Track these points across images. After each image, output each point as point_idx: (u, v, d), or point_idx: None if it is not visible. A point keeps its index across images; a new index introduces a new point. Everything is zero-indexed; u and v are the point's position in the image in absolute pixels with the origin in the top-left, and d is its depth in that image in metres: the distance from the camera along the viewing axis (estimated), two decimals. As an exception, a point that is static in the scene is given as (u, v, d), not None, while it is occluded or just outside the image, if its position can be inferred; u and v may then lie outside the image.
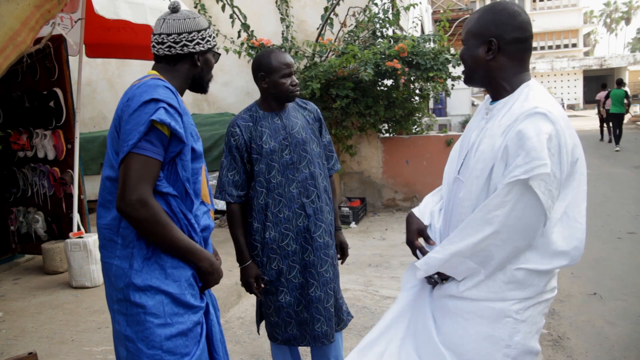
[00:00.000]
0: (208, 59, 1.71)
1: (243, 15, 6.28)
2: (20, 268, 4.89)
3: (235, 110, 7.54)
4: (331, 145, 2.44)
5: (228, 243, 5.24)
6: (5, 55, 1.07)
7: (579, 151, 1.39)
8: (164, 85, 1.52)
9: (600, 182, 8.52)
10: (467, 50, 1.50)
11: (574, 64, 35.64)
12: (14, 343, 3.19)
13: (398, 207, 7.14)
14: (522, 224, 1.34)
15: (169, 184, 1.54)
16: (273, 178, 2.21)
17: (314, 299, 2.23)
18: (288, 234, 2.22)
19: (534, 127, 1.30)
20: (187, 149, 1.55)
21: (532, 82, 1.47)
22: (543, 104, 1.36)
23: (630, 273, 4.29)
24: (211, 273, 1.62)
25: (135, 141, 1.43)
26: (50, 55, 4.42)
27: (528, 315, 1.42)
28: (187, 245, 1.54)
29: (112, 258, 1.54)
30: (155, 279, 1.50)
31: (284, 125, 2.24)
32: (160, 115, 1.44)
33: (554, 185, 1.32)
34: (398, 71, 5.81)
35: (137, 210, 1.43)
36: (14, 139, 4.70)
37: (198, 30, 1.64)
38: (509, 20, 1.42)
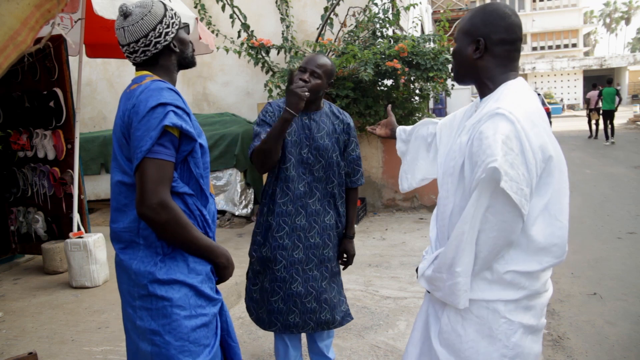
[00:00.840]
0: (181, 37, 1.67)
1: (243, 15, 6.28)
2: (20, 268, 4.89)
3: (235, 110, 7.55)
4: (359, 160, 2.51)
5: (228, 243, 5.26)
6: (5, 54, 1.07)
7: (552, 148, 1.39)
8: (167, 87, 1.53)
9: (600, 182, 8.52)
10: (457, 48, 1.54)
11: (574, 64, 35.66)
12: (14, 343, 3.19)
13: (398, 207, 7.14)
14: (498, 223, 1.36)
15: (183, 182, 1.58)
16: (287, 170, 2.31)
17: (295, 294, 2.34)
18: (284, 228, 2.33)
19: (492, 128, 1.33)
20: (198, 146, 1.58)
21: (511, 82, 1.48)
22: (507, 104, 1.37)
23: (630, 273, 4.29)
24: (226, 267, 1.67)
25: (148, 147, 1.46)
26: (50, 55, 4.42)
27: (523, 317, 1.43)
28: (205, 243, 1.58)
29: (134, 259, 1.57)
30: (179, 273, 1.54)
31: (310, 125, 2.34)
32: (172, 119, 1.47)
33: (524, 184, 1.32)
34: (398, 71, 5.81)
35: (159, 214, 1.46)
36: (14, 139, 4.70)
37: (160, 21, 1.59)
38: (498, 21, 1.46)
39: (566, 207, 1.44)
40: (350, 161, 2.47)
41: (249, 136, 6.41)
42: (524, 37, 26.88)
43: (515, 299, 1.42)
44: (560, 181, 1.42)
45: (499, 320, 1.41)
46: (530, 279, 1.42)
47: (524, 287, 1.42)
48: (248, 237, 5.56)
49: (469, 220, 1.36)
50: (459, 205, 1.44)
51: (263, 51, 6.25)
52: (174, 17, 1.63)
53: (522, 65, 36.17)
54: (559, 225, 1.41)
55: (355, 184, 2.52)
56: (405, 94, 6.56)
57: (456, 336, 1.46)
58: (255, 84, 7.44)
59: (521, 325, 1.42)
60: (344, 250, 2.52)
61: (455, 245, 1.39)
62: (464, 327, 1.45)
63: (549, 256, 1.42)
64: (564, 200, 1.43)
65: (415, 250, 5.17)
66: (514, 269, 1.40)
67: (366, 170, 7.15)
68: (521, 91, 1.45)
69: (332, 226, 2.41)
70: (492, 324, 1.42)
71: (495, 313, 1.41)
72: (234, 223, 6.44)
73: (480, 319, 1.43)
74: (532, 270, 1.41)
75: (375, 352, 3.02)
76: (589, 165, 10.46)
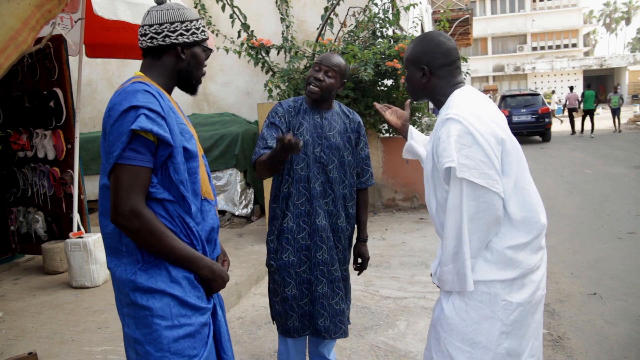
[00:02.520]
0: (195, 53, 1.63)
1: (243, 15, 6.28)
2: (20, 268, 4.89)
3: (235, 110, 7.55)
4: (369, 160, 2.49)
5: (228, 243, 5.26)
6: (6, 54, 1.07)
7: (502, 132, 1.61)
8: (143, 89, 1.47)
9: (600, 182, 8.52)
10: (408, 75, 1.81)
11: (574, 64, 35.66)
12: (14, 343, 3.19)
13: (398, 207, 7.14)
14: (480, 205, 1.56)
15: (164, 189, 1.51)
16: (301, 170, 2.28)
17: (321, 295, 2.30)
18: (305, 228, 2.29)
19: (445, 132, 1.59)
20: (177, 150, 1.51)
21: (457, 91, 1.71)
22: (454, 109, 1.62)
23: (630, 273, 4.29)
24: (213, 280, 1.59)
25: (119, 152, 1.41)
26: (50, 55, 4.42)
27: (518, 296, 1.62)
28: (184, 254, 1.51)
29: (119, 265, 1.53)
30: (160, 282, 1.49)
31: (322, 124, 2.32)
32: (141, 123, 1.41)
33: (486, 167, 1.55)
34: (398, 71, 5.81)
35: (130, 222, 1.42)
36: (14, 139, 4.70)
37: (181, 21, 1.58)
38: (436, 49, 1.72)
39: (529, 175, 1.67)
40: (359, 160, 2.44)
41: (249, 136, 6.41)
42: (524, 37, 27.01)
43: (511, 279, 1.61)
44: (518, 158, 1.64)
45: (499, 303, 1.61)
46: (525, 253, 1.63)
47: (519, 265, 1.61)
48: (248, 237, 5.56)
49: (454, 210, 1.58)
50: (440, 203, 1.68)
51: (263, 51, 6.25)
52: (199, 32, 1.62)
53: (522, 65, 36.23)
54: (527, 194, 1.64)
55: (365, 185, 2.49)
56: (406, 94, 6.55)
57: (460, 320, 1.64)
58: (255, 84, 7.44)
59: (519, 305, 1.62)
60: (358, 254, 2.50)
61: (452, 235, 1.60)
62: (467, 312, 1.63)
63: (529, 223, 1.63)
64: (525, 172, 1.66)
65: (415, 250, 5.17)
66: (509, 244, 1.61)
67: (366, 170, 7.14)
68: (465, 95, 1.69)
69: (344, 228, 2.39)
70: (493, 307, 1.61)
71: (495, 297, 1.61)
72: (234, 223, 6.44)
73: (482, 303, 1.62)
74: (526, 241, 1.62)
75: (375, 352, 3.02)
76: (589, 165, 10.47)
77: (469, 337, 1.63)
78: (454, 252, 1.60)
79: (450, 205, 1.59)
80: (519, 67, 36.54)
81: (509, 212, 1.61)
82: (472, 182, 1.54)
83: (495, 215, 1.58)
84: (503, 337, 1.61)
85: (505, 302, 1.61)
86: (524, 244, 1.62)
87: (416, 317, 3.52)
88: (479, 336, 1.61)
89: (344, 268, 2.43)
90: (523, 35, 41.90)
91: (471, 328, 1.62)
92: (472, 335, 1.62)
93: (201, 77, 1.70)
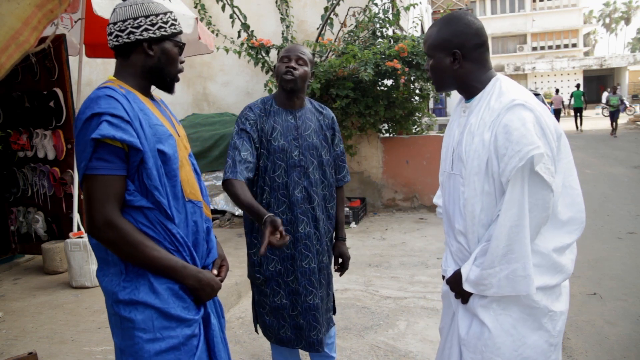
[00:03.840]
0: (166, 48, 1.54)
1: (243, 15, 6.28)
2: (20, 268, 4.89)
3: (236, 110, 7.55)
4: (344, 156, 2.37)
5: (228, 243, 5.26)
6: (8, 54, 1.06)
7: (560, 128, 1.53)
8: (106, 94, 1.41)
9: (600, 182, 8.52)
10: (435, 63, 1.62)
11: (574, 64, 35.62)
12: (14, 343, 3.19)
13: (398, 207, 7.14)
14: (536, 203, 1.46)
15: (142, 195, 1.45)
16: (278, 177, 2.14)
17: (312, 306, 2.18)
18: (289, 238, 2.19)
19: (518, 118, 1.44)
20: (148, 155, 1.43)
21: (500, 76, 1.59)
22: (519, 95, 1.48)
23: (630, 273, 4.29)
24: (200, 289, 1.52)
25: (86, 163, 1.38)
26: (50, 55, 4.42)
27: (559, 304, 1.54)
28: (166, 263, 1.45)
29: (106, 275, 1.50)
30: (143, 294, 1.44)
31: (296, 125, 2.17)
32: (102, 130, 1.35)
33: (550, 163, 1.45)
34: (398, 71, 5.81)
35: (105, 233, 1.39)
36: (14, 139, 4.70)
37: (145, 15, 1.49)
38: (467, 29, 1.55)
39: (576, 175, 1.58)
40: (334, 157, 2.31)
41: (249, 136, 6.41)
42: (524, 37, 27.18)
43: (553, 285, 1.52)
44: (567, 154, 1.55)
45: (546, 313, 1.51)
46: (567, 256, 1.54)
47: (562, 270, 1.53)
48: (248, 237, 5.55)
49: (514, 205, 1.44)
50: (487, 201, 1.52)
51: (263, 51, 6.25)
52: (168, 25, 1.53)
53: (522, 65, 36.19)
54: (576, 193, 1.56)
55: (342, 182, 2.37)
56: (405, 94, 6.56)
57: (508, 337, 1.51)
58: (255, 84, 7.44)
59: (561, 313, 1.55)
60: (338, 254, 2.36)
61: (504, 233, 1.45)
62: (514, 326, 1.52)
63: (574, 224, 1.55)
64: (573, 171, 1.57)
65: (415, 250, 5.17)
66: (555, 245, 1.51)
67: (366, 170, 7.15)
68: (514, 83, 1.57)
69: (328, 231, 2.28)
70: (540, 318, 1.51)
71: (541, 307, 1.51)
72: (234, 223, 6.44)
73: (529, 315, 1.51)
74: (569, 243, 1.53)
75: (375, 352, 3.02)
76: (589, 165, 10.46)
77: (518, 353, 1.51)
78: (505, 252, 1.46)
79: (510, 199, 1.45)
80: (519, 67, 36.50)
81: (556, 211, 1.51)
82: (537, 176, 1.43)
83: (547, 214, 1.48)
84: (552, 350, 1.53)
85: (552, 313, 1.51)
86: (567, 246, 1.54)
87: (416, 317, 3.52)
88: (527, 351, 1.51)
89: (329, 272, 2.33)
90: (523, 35, 41.88)
91: (520, 343, 1.51)
92: (521, 350, 1.51)
93: (176, 74, 1.61)
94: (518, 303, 1.51)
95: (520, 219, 1.44)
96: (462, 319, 1.63)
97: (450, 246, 1.73)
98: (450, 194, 1.68)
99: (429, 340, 3.15)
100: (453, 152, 1.65)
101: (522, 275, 1.45)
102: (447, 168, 1.71)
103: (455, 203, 1.63)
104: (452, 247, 1.69)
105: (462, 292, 1.61)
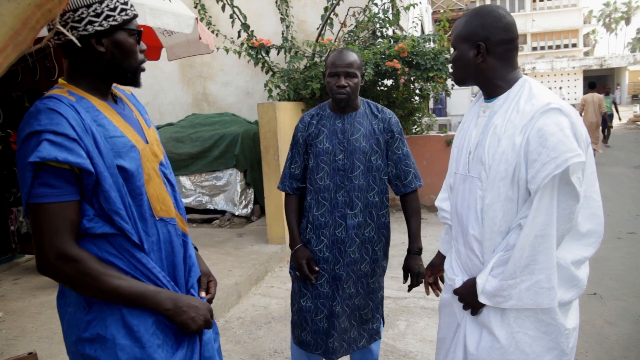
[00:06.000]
0: (118, 40, 1.29)
1: (243, 15, 6.28)
2: (20, 268, 4.89)
3: (235, 110, 7.55)
4: (408, 160, 2.23)
5: (228, 243, 5.26)
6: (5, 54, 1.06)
7: (589, 137, 1.46)
8: (49, 107, 1.19)
9: (600, 182, 8.42)
10: (458, 54, 1.55)
11: (574, 64, 35.64)
12: (14, 343, 3.19)
13: (398, 207, 7.13)
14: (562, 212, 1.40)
15: (103, 221, 1.24)
16: (320, 180, 2.17)
17: (334, 313, 2.17)
18: (323, 240, 2.18)
19: (554, 123, 1.36)
20: (103, 175, 1.21)
21: (529, 79, 1.52)
22: (554, 99, 1.41)
23: (630, 273, 4.29)
24: (179, 314, 1.30)
25: (27, 190, 1.17)
26: (50, 55, 4.42)
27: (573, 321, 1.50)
28: (134, 291, 1.24)
29: (67, 305, 1.33)
30: (112, 328, 1.25)
31: (343, 129, 2.16)
32: (42, 152, 1.13)
33: (581, 172, 1.39)
34: (398, 71, 5.81)
35: (59, 268, 1.21)
36: (14, 139, 4.70)
37: (87, 5, 1.24)
38: (495, 23, 1.48)
39: (598, 187, 1.52)
40: (396, 161, 2.21)
41: (249, 136, 6.41)
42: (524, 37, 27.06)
43: (568, 300, 1.46)
44: (591, 165, 1.49)
45: (562, 332, 1.45)
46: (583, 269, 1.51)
47: (578, 284, 1.48)
48: (248, 237, 5.55)
49: (542, 214, 1.36)
50: (508, 208, 1.45)
51: (263, 51, 6.25)
52: (115, 11, 1.27)
53: (522, 65, 36.18)
54: (597, 205, 1.50)
55: (409, 188, 2.23)
56: (405, 94, 6.56)
57: (523, 356, 1.45)
58: (255, 84, 7.44)
59: (574, 329, 1.49)
60: (406, 267, 2.25)
61: (528, 243, 1.38)
62: (531, 345, 1.45)
63: (593, 237, 1.50)
64: (596, 182, 1.51)
65: (415, 250, 5.16)
66: (573, 258, 1.46)
67: (366, 170, 7.13)
68: (545, 87, 1.50)
69: (372, 239, 2.20)
70: (557, 337, 1.45)
71: (558, 324, 1.45)
72: (234, 223, 6.44)
73: (546, 334, 1.45)
74: (586, 256, 1.49)
75: (375, 352, 3.02)
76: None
77: None
78: (528, 262, 1.39)
79: (537, 207, 1.37)
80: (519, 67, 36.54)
81: (577, 222, 1.45)
82: (567, 185, 1.36)
83: (570, 225, 1.42)
84: None
85: (568, 331, 1.46)
86: (584, 259, 1.48)
87: (416, 317, 3.52)
88: None
89: (372, 281, 2.25)
90: (523, 35, 41.89)
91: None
92: None
93: (138, 66, 1.36)
94: (535, 320, 1.45)
95: (548, 229, 1.37)
96: (470, 332, 1.56)
97: (458, 252, 1.65)
98: (464, 197, 1.59)
99: (429, 340, 3.15)
100: (470, 154, 1.57)
101: (546, 287, 1.39)
102: (461, 170, 1.62)
103: (471, 207, 1.55)
104: (461, 253, 1.62)
105: (474, 304, 1.53)
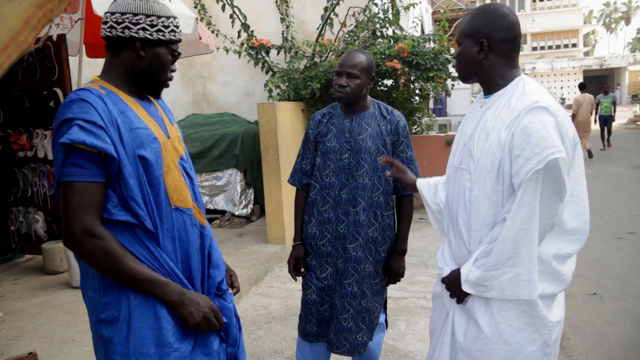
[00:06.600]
0: (159, 53, 1.44)
1: (243, 15, 6.28)
2: (20, 268, 4.89)
3: (235, 110, 7.55)
4: (412, 163, 2.26)
5: (228, 243, 5.26)
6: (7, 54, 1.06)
7: (577, 137, 1.50)
8: (80, 98, 1.31)
9: (600, 182, 8.52)
10: (462, 50, 1.60)
11: (574, 64, 35.66)
12: (14, 343, 3.19)
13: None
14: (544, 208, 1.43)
15: (125, 210, 1.34)
16: (326, 177, 2.24)
17: (334, 306, 2.24)
18: (326, 235, 2.25)
19: (539, 121, 1.40)
20: (125, 162, 1.33)
21: (525, 77, 1.56)
22: (542, 98, 1.45)
23: (630, 273, 4.29)
24: (179, 307, 1.37)
25: (59, 170, 1.29)
26: (50, 55, 4.42)
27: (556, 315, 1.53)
28: (147, 277, 1.33)
29: (88, 289, 1.43)
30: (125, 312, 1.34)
31: (351, 128, 2.22)
32: (72, 135, 1.26)
33: (567, 168, 1.42)
34: (398, 71, 5.81)
35: (84, 244, 1.29)
36: (14, 139, 4.70)
37: (147, 14, 1.40)
38: (498, 21, 1.53)
39: (585, 187, 1.55)
40: None
41: (249, 136, 6.41)
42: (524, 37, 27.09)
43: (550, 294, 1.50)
44: (580, 164, 1.52)
45: (545, 324, 1.50)
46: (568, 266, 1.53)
47: (561, 278, 1.51)
48: (248, 237, 5.56)
49: (525, 208, 1.41)
50: (494, 200, 1.50)
51: (263, 51, 6.25)
52: (167, 29, 1.44)
53: (522, 65, 36.20)
54: (583, 204, 1.54)
55: (407, 191, 2.29)
56: (405, 94, 6.56)
57: (505, 346, 1.50)
58: (255, 84, 7.44)
59: (558, 323, 1.54)
60: (387, 267, 2.29)
61: (510, 236, 1.43)
62: (514, 336, 1.50)
63: (578, 234, 1.53)
64: (583, 182, 1.54)
65: (415, 250, 5.17)
66: (556, 252, 1.49)
67: (366, 170, 7.13)
68: (538, 85, 1.53)
69: (376, 239, 2.23)
70: (540, 329, 1.50)
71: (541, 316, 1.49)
72: (234, 223, 6.44)
73: (529, 325, 1.50)
74: (570, 252, 1.52)
75: (375, 352, 3.02)
76: (589, 165, 10.46)
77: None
78: (511, 254, 1.44)
79: (520, 202, 1.41)
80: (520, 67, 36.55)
81: (562, 220, 1.50)
82: (550, 181, 1.40)
83: (553, 222, 1.46)
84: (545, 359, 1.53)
85: (550, 324, 1.51)
86: (567, 255, 1.52)
87: (416, 317, 3.52)
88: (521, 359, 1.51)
89: (376, 282, 2.27)
90: (523, 35, 41.77)
91: (516, 353, 1.50)
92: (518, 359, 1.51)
93: (165, 82, 1.51)
94: (519, 312, 1.49)
95: (530, 223, 1.41)
96: (458, 321, 1.61)
97: (449, 242, 1.71)
98: (454, 188, 1.65)
99: (429, 340, 3.15)
100: (464, 147, 1.63)
101: (526, 280, 1.43)
102: (455, 162, 1.68)
103: (460, 198, 1.60)
104: (452, 243, 1.68)
105: (458, 293, 1.58)
